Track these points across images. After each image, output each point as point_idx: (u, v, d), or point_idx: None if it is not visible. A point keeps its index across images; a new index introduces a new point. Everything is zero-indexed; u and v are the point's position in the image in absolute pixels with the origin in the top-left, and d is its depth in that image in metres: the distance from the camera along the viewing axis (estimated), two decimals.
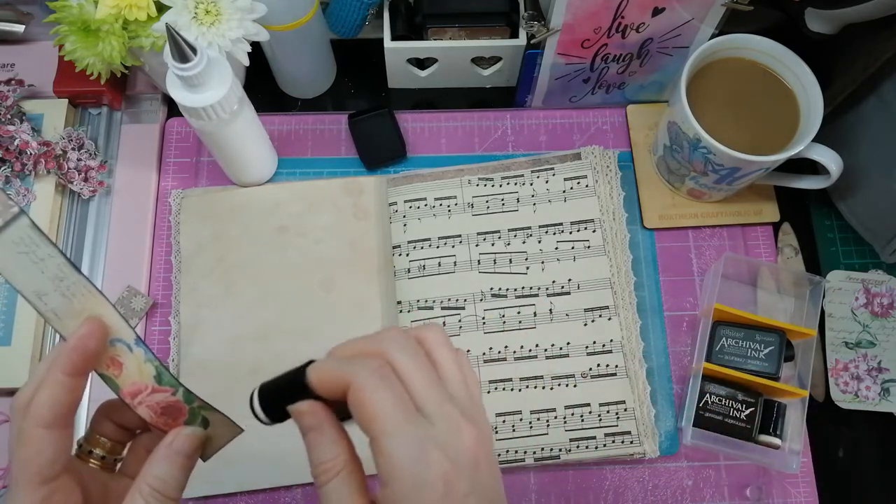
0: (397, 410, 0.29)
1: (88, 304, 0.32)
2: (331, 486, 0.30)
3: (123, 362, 0.33)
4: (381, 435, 0.28)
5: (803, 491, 0.56)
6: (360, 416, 0.29)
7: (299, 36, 0.57)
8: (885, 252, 0.58)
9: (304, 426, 0.31)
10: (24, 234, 0.30)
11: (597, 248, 0.60)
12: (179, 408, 0.34)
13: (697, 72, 0.56)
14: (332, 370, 0.30)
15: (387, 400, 0.29)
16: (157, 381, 0.33)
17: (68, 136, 0.61)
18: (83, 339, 0.31)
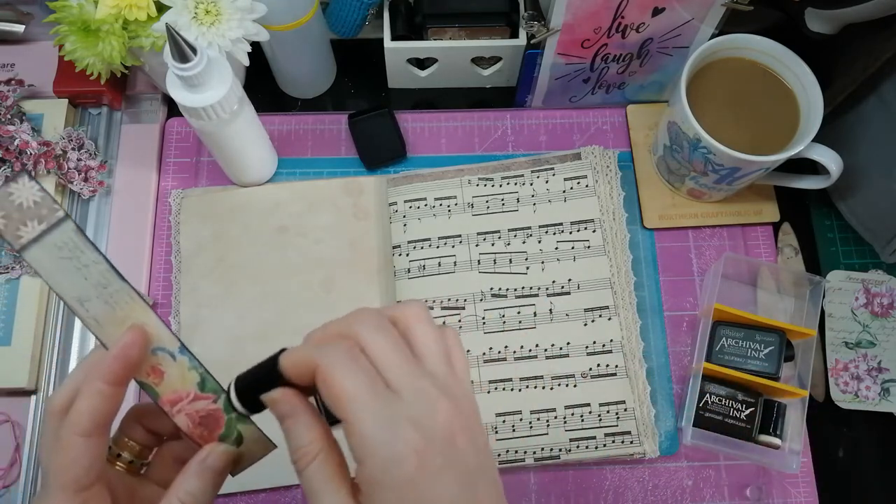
0: (365, 389, 0.28)
1: (132, 312, 0.32)
2: (309, 471, 0.30)
3: (165, 371, 0.33)
4: (350, 415, 0.28)
5: (803, 491, 0.56)
6: (328, 397, 0.29)
7: (299, 36, 0.57)
8: (885, 252, 0.58)
9: (279, 413, 0.31)
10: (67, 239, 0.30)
11: (597, 248, 0.60)
12: (218, 418, 0.33)
13: (697, 72, 0.56)
14: (301, 355, 0.30)
15: (354, 379, 0.28)
16: (200, 387, 0.33)
17: (68, 136, 0.61)
18: (125, 349, 0.31)
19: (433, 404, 0.29)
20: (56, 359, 0.57)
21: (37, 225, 0.29)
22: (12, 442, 0.55)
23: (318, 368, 0.29)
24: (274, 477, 0.54)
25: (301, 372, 0.30)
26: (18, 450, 0.55)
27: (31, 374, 0.56)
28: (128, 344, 0.31)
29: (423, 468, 0.28)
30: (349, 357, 0.29)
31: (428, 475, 0.28)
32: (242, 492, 0.54)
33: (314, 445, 0.30)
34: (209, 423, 0.33)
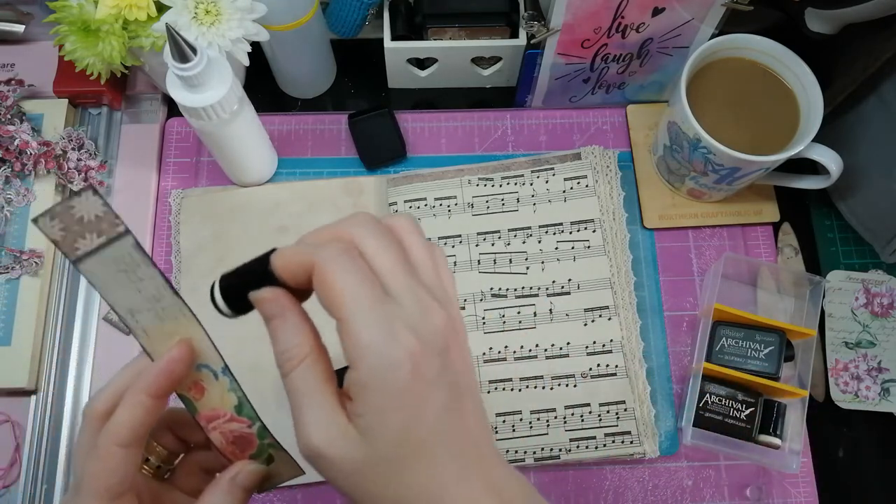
0: (363, 290, 0.27)
1: (181, 327, 0.32)
2: (296, 374, 0.29)
3: (206, 388, 0.33)
4: (346, 315, 0.27)
5: (803, 491, 0.56)
6: (325, 297, 0.28)
7: (299, 36, 0.57)
8: (885, 252, 0.58)
9: (267, 313, 0.30)
10: (126, 254, 0.30)
11: (597, 248, 0.60)
12: (251, 440, 0.33)
13: (697, 72, 0.56)
14: (296, 253, 0.29)
15: (353, 280, 0.27)
16: (237, 411, 0.33)
17: (68, 136, 0.61)
18: (171, 363, 0.31)
19: (430, 312, 0.28)
20: (56, 359, 0.57)
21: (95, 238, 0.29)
22: (12, 442, 0.55)
23: (315, 266, 0.28)
24: None
25: (295, 271, 0.29)
26: (18, 450, 0.55)
27: (31, 374, 0.56)
28: (174, 359, 0.31)
29: (417, 375, 0.27)
30: (348, 257, 0.28)
31: (422, 382, 0.27)
32: None
33: (302, 348, 0.29)
34: (242, 443, 0.34)
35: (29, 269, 0.57)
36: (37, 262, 0.57)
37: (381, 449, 0.27)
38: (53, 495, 0.54)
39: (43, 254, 0.58)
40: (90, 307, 0.59)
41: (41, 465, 0.55)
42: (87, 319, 0.58)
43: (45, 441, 0.55)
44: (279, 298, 0.29)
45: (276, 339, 0.30)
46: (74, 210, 0.29)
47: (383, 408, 0.27)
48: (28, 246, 0.58)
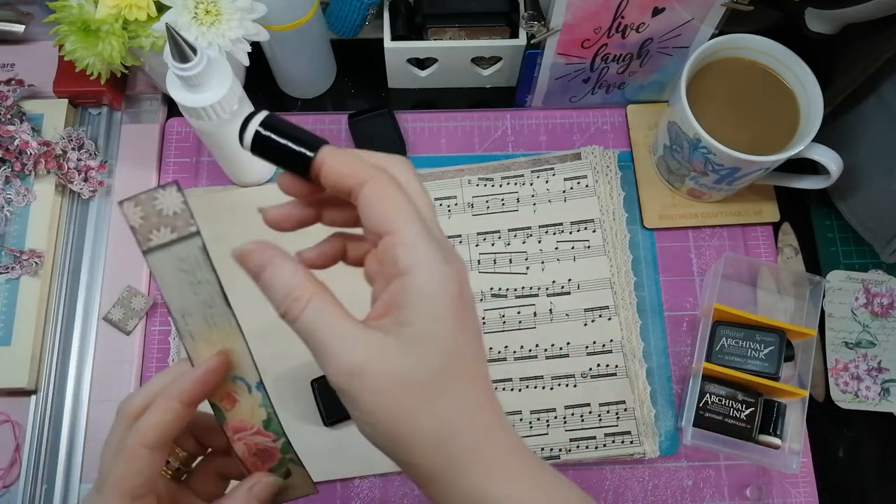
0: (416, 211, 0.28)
1: (225, 337, 0.32)
2: (310, 310, 0.28)
3: (238, 400, 0.33)
4: (404, 227, 0.27)
5: (803, 491, 0.56)
6: (379, 209, 0.28)
7: (299, 36, 0.57)
8: (885, 252, 0.58)
9: (255, 266, 0.29)
10: (192, 254, 0.30)
11: (597, 248, 0.60)
12: (273, 454, 0.34)
13: (697, 72, 0.56)
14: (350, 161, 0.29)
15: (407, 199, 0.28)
16: (264, 425, 0.33)
17: (68, 136, 0.61)
18: (208, 374, 0.31)
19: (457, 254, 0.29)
20: (56, 359, 0.57)
21: (169, 233, 0.30)
22: (12, 442, 0.55)
23: (370, 180, 0.28)
24: None
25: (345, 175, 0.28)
26: (18, 450, 0.55)
27: (31, 374, 0.56)
28: (210, 370, 0.31)
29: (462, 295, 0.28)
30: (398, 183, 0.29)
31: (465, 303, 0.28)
32: None
33: (306, 287, 0.28)
34: (264, 455, 0.34)
35: (29, 269, 0.57)
36: (37, 262, 0.57)
37: (428, 358, 0.27)
38: (53, 495, 0.54)
39: (43, 254, 0.58)
40: (90, 307, 0.59)
41: (41, 465, 0.55)
42: (87, 319, 0.58)
43: (45, 441, 0.55)
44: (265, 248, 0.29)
45: (273, 286, 0.29)
46: (157, 202, 0.30)
47: (438, 315, 0.27)
48: (28, 246, 0.58)
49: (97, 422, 0.56)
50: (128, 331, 0.58)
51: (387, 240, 0.28)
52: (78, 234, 0.61)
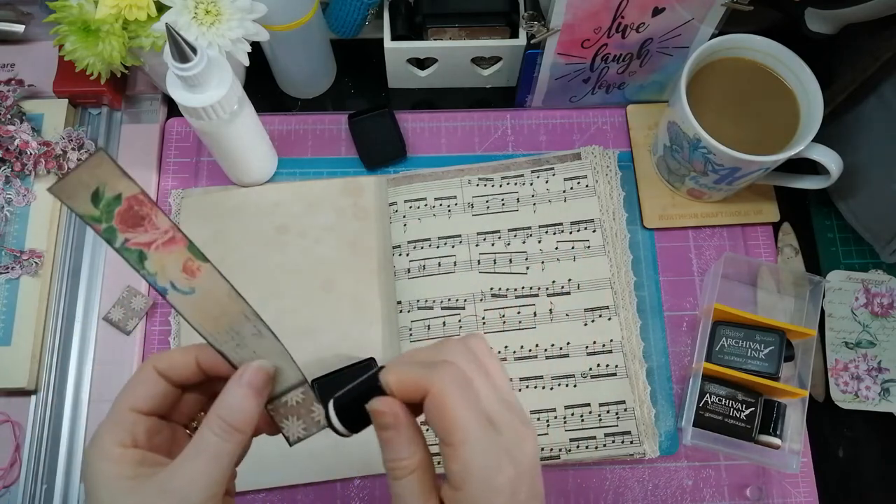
0: (476, 421, 0.30)
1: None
2: (405, 483, 0.31)
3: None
4: (459, 443, 0.30)
5: (803, 491, 0.56)
6: (439, 421, 0.30)
7: (299, 36, 0.57)
8: (885, 252, 0.58)
9: (383, 424, 0.32)
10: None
11: (597, 248, 0.60)
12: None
13: (697, 72, 0.56)
14: (412, 374, 0.31)
15: (467, 410, 0.30)
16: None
17: (68, 136, 0.61)
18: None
19: (525, 440, 0.32)
20: (56, 359, 0.57)
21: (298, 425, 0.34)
22: (12, 442, 0.55)
23: (431, 391, 0.30)
24: (278, 477, 0.54)
25: (408, 391, 0.31)
26: (18, 450, 0.55)
27: (31, 374, 0.56)
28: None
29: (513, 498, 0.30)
30: (462, 385, 0.31)
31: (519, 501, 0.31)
32: (257, 490, 0.54)
33: (414, 459, 0.31)
34: None
35: (29, 269, 0.57)
36: (37, 262, 0.57)
37: None
38: (53, 495, 0.54)
39: (43, 254, 0.58)
40: (90, 307, 0.59)
41: (41, 465, 0.55)
42: (87, 319, 0.58)
43: (45, 441, 0.55)
44: (395, 412, 0.31)
45: (389, 447, 0.32)
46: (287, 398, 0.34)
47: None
48: (28, 246, 0.58)
49: (97, 422, 0.56)
50: (128, 331, 0.58)
51: (444, 449, 0.31)
52: (78, 234, 0.61)
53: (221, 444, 0.31)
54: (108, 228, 0.31)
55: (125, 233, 0.31)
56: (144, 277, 0.32)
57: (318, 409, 0.34)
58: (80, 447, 0.55)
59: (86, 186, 0.30)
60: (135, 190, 0.31)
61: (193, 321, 0.32)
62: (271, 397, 0.34)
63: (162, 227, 0.32)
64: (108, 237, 0.31)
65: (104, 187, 0.31)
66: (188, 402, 0.36)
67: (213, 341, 0.33)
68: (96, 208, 0.31)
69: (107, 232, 0.31)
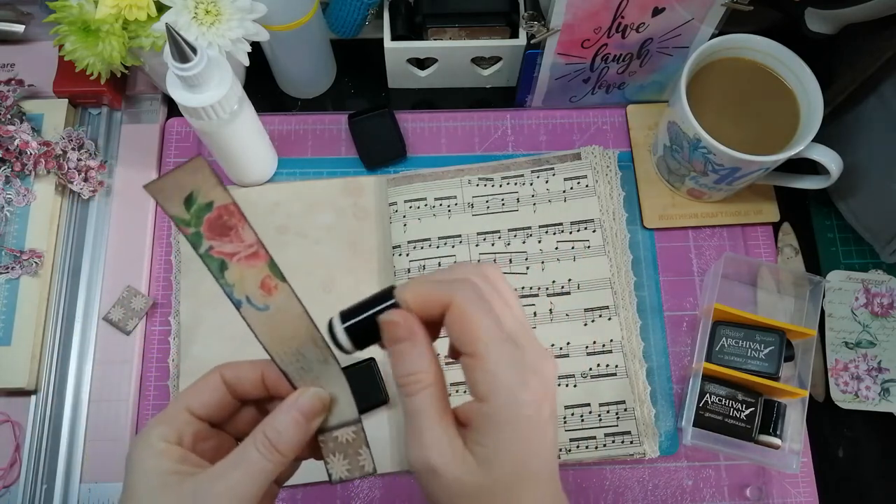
0: (498, 331, 0.30)
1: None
2: (420, 397, 0.30)
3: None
4: (483, 352, 0.29)
5: (803, 491, 0.56)
6: (461, 332, 0.30)
7: (299, 36, 0.57)
8: (885, 252, 0.58)
9: (396, 336, 0.31)
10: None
11: (597, 248, 0.60)
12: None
13: (697, 72, 0.56)
14: (428, 289, 0.31)
15: (489, 321, 0.30)
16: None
17: (68, 136, 0.61)
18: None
19: (546, 360, 0.31)
20: (56, 359, 0.57)
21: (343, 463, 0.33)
22: (12, 442, 0.55)
23: (453, 302, 0.30)
24: None
25: (426, 305, 0.31)
26: (18, 450, 0.55)
27: (31, 374, 0.56)
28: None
29: (538, 414, 0.30)
30: (482, 299, 0.30)
31: (540, 421, 0.30)
32: None
33: (428, 374, 0.31)
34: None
35: (29, 269, 0.57)
36: (37, 262, 0.57)
37: (495, 477, 0.30)
38: (53, 495, 0.54)
39: (43, 254, 0.58)
40: (90, 307, 0.59)
41: (41, 465, 0.55)
42: (87, 319, 0.58)
43: (45, 441, 0.55)
44: (410, 323, 0.31)
45: (402, 361, 0.31)
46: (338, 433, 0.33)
47: (507, 441, 0.30)
48: (28, 246, 0.58)
49: (97, 422, 0.56)
50: (128, 331, 0.58)
51: (468, 360, 0.30)
52: (78, 234, 0.61)
53: (262, 461, 0.31)
54: (196, 233, 0.32)
55: (211, 240, 0.32)
56: (221, 287, 0.32)
57: (366, 454, 0.33)
58: (80, 447, 0.55)
59: (181, 189, 0.31)
60: (227, 200, 0.32)
61: (262, 338, 0.33)
62: (324, 428, 0.33)
63: (247, 240, 0.32)
64: (194, 241, 0.32)
65: (198, 193, 0.31)
66: (245, 415, 0.36)
67: (278, 361, 0.33)
68: (187, 212, 0.31)
69: (193, 237, 0.32)
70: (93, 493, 0.54)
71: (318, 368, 0.33)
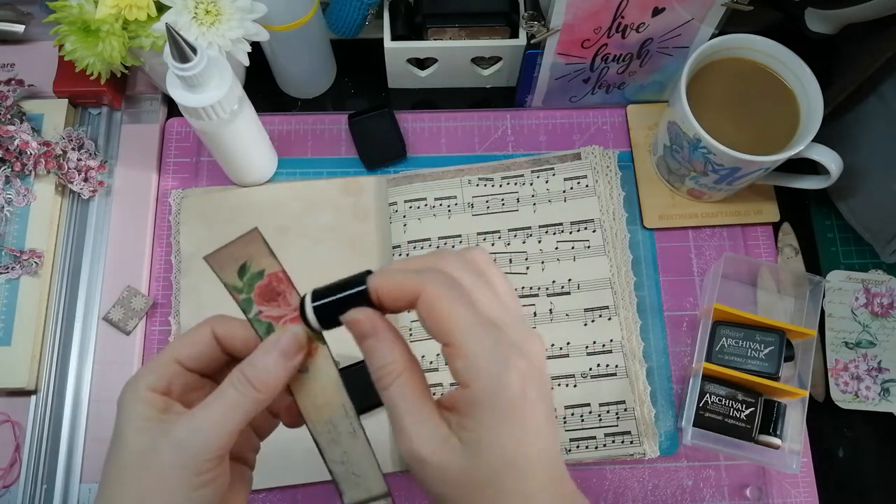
0: (474, 317, 0.29)
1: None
2: (394, 388, 0.30)
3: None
4: (460, 341, 0.29)
5: (803, 491, 0.56)
6: (434, 323, 0.29)
7: (299, 36, 0.57)
8: (885, 252, 0.58)
9: (360, 332, 0.31)
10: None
11: (597, 248, 0.60)
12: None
13: (697, 72, 0.56)
14: (399, 278, 0.30)
15: (463, 308, 0.29)
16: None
17: (68, 136, 0.61)
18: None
19: (531, 339, 0.31)
20: (56, 359, 0.57)
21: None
22: (12, 442, 0.55)
23: (423, 293, 0.29)
24: (294, 475, 0.54)
25: (396, 295, 0.30)
26: (18, 450, 0.55)
27: (31, 374, 0.56)
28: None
29: (524, 394, 0.29)
30: (454, 287, 0.30)
31: (527, 402, 0.29)
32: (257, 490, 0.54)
33: (398, 364, 0.30)
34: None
35: (29, 269, 0.57)
36: (37, 262, 0.57)
37: (483, 461, 0.29)
38: (53, 495, 0.54)
39: (43, 254, 0.58)
40: (90, 307, 0.59)
41: (41, 465, 0.55)
42: (87, 319, 0.58)
43: (45, 441, 0.55)
44: (372, 319, 0.31)
45: (371, 356, 0.31)
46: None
47: (492, 425, 0.29)
48: (28, 246, 0.58)
49: (97, 422, 0.56)
50: (128, 331, 0.58)
51: (446, 350, 0.30)
52: (78, 234, 0.61)
53: (238, 397, 0.31)
54: (247, 300, 0.33)
55: (260, 305, 0.33)
56: None
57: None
58: (80, 447, 0.55)
59: (236, 260, 0.33)
60: (277, 268, 0.33)
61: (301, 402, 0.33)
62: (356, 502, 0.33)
63: (294, 304, 0.33)
64: (245, 307, 0.33)
65: (251, 262, 0.33)
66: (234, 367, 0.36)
67: (311, 428, 0.33)
68: (240, 280, 0.33)
69: (244, 302, 0.33)
70: (93, 493, 0.54)
71: (347, 442, 0.33)
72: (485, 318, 0.30)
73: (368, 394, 0.54)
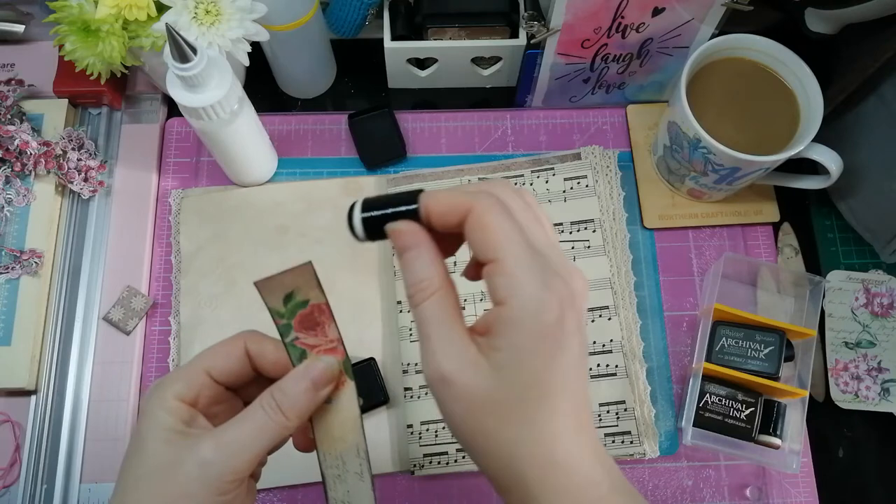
0: (519, 236, 0.29)
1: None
2: (428, 304, 0.30)
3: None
4: (504, 255, 0.28)
5: (803, 491, 0.56)
6: (481, 238, 0.29)
7: (299, 36, 0.57)
8: (885, 252, 0.58)
9: (403, 245, 0.30)
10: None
11: (597, 248, 0.60)
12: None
13: (697, 72, 0.56)
14: (451, 196, 0.30)
15: (509, 225, 0.29)
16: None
17: (68, 136, 0.61)
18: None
19: (572, 269, 0.30)
20: (56, 359, 0.57)
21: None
22: (12, 442, 0.55)
23: (472, 209, 0.29)
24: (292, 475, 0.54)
25: (447, 212, 0.30)
26: (18, 450, 0.55)
27: (31, 374, 0.56)
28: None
29: (561, 323, 0.28)
30: (503, 207, 0.29)
31: (563, 331, 0.28)
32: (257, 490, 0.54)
33: (435, 281, 0.30)
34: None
35: (29, 269, 0.57)
36: (37, 262, 0.57)
37: (510, 385, 0.28)
38: (53, 495, 0.54)
39: (43, 254, 0.58)
40: (90, 307, 0.59)
41: (41, 465, 0.55)
42: (87, 319, 0.58)
43: (45, 441, 0.55)
44: (416, 232, 0.30)
45: (409, 270, 0.30)
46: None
47: (525, 346, 0.28)
48: (28, 246, 0.58)
49: (97, 422, 0.56)
50: (128, 331, 0.58)
51: (488, 268, 0.29)
52: (78, 234, 0.61)
53: (267, 420, 0.31)
54: (286, 325, 0.34)
55: (298, 332, 0.34)
56: None
57: None
58: (80, 447, 0.55)
59: (284, 288, 0.33)
60: (321, 300, 0.34)
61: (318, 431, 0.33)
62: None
63: (330, 336, 0.34)
64: (283, 331, 0.34)
65: (298, 292, 0.34)
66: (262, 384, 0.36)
67: (321, 459, 0.33)
68: (284, 307, 0.33)
69: (284, 327, 0.33)
70: (93, 493, 0.54)
71: (353, 482, 0.33)
72: (532, 242, 0.29)
73: (370, 394, 0.54)
